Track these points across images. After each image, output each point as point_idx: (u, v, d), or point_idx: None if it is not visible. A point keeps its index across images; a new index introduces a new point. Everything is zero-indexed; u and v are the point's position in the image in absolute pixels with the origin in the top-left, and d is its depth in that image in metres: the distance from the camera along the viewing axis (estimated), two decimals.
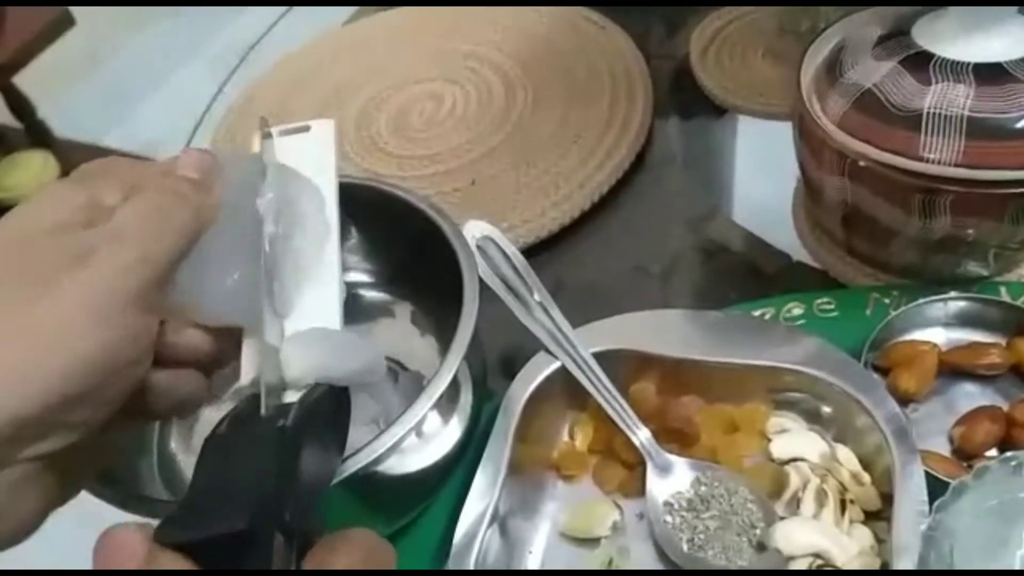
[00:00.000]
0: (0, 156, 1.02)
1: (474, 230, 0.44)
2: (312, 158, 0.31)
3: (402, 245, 0.44)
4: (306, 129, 0.32)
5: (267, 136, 0.31)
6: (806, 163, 0.43)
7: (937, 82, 0.37)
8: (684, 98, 0.58)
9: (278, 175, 0.30)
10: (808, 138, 0.41)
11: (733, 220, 0.51)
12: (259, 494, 0.21)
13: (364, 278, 0.46)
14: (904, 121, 0.37)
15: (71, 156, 0.90)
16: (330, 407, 0.27)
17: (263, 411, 0.25)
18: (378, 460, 0.33)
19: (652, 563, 0.37)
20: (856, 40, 0.42)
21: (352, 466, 0.33)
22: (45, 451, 0.22)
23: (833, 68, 0.41)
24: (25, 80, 1.29)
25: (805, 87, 0.42)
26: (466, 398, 0.38)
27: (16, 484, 0.22)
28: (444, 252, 0.40)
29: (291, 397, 0.26)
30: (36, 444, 0.22)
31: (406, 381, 0.45)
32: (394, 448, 0.33)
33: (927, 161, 0.37)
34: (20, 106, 1.31)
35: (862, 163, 0.38)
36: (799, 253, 0.48)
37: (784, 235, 0.49)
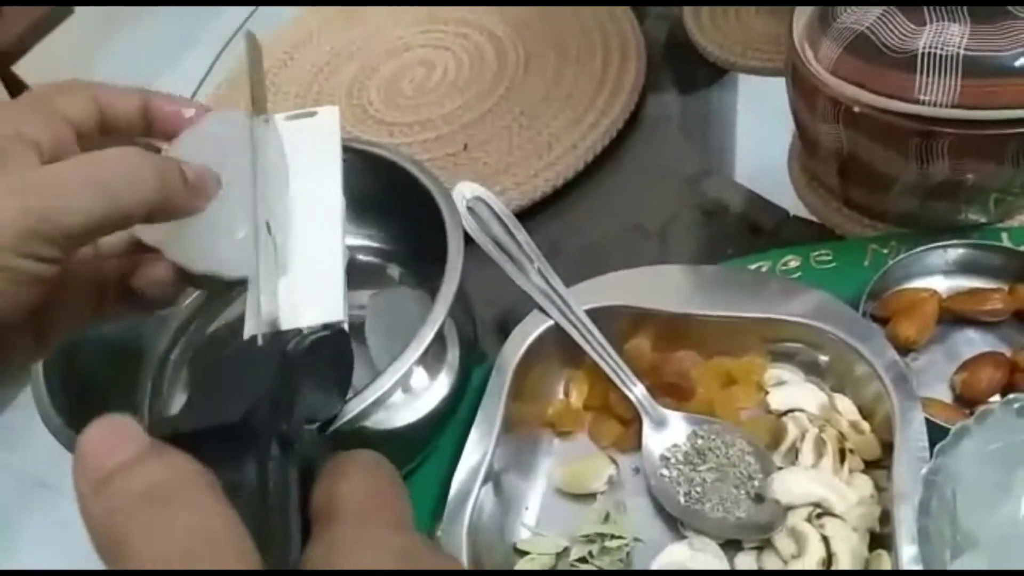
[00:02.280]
0: None
1: (465, 191, 0.43)
2: (317, 142, 0.32)
3: (389, 205, 0.43)
4: (312, 115, 0.33)
5: (262, 117, 0.31)
6: (800, 113, 0.42)
7: (932, 21, 0.36)
8: (679, 57, 0.57)
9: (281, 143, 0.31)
10: (801, 87, 0.40)
11: (730, 177, 0.50)
12: (254, 395, 0.21)
13: (353, 240, 0.46)
14: (898, 63, 0.36)
15: None
16: (332, 350, 0.28)
17: (260, 341, 0.26)
18: (364, 414, 0.33)
19: (648, 516, 0.37)
20: None
21: (338, 420, 0.33)
22: None
23: (826, 14, 0.40)
24: (25, 68, 1.29)
25: (797, 35, 0.41)
26: (454, 355, 0.38)
27: None
28: (431, 211, 0.40)
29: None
30: None
31: None
32: (380, 402, 0.33)
33: (923, 103, 0.36)
34: (21, 94, 1.32)
35: (856, 109, 0.37)
36: (797, 208, 0.47)
37: (781, 191, 0.48)
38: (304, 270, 0.30)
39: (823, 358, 0.38)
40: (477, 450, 0.37)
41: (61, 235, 0.23)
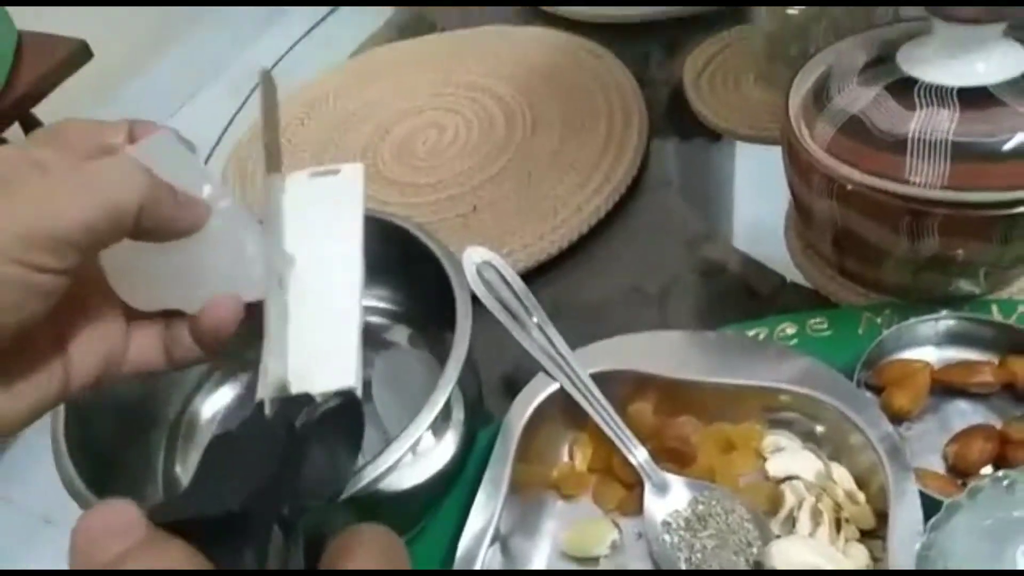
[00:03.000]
0: None
1: (474, 256, 0.45)
2: (339, 200, 0.32)
3: (397, 269, 0.45)
4: (336, 172, 0.34)
5: (271, 172, 0.32)
6: (796, 187, 0.44)
7: (922, 107, 0.38)
8: (679, 123, 0.59)
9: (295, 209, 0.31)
10: (797, 163, 0.42)
11: (729, 242, 0.52)
12: (256, 481, 0.21)
13: (364, 303, 0.47)
14: (890, 146, 0.38)
15: None
16: (343, 419, 0.27)
17: (267, 412, 0.25)
18: (377, 480, 0.33)
19: None
20: (842, 67, 0.43)
21: (352, 485, 0.33)
22: None
23: (820, 95, 0.42)
24: (44, 111, 1.32)
25: (793, 113, 0.43)
26: (460, 416, 0.39)
27: None
28: (438, 275, 0.41)
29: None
30: None
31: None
32: (393, 467, 0.34)
33: (913, 184, 0.38)
34: None
35: (849, 187, 0.39)
36: (793, 274, 0.49)
37: (778, 256, 0.50)
38: (318, 331, 0.29)
39: (820, 427, 0.39)
40: (484, 512, 0.38)
41: (56, 241, 0.23)
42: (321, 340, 0.29)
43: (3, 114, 1.19)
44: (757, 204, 0.54)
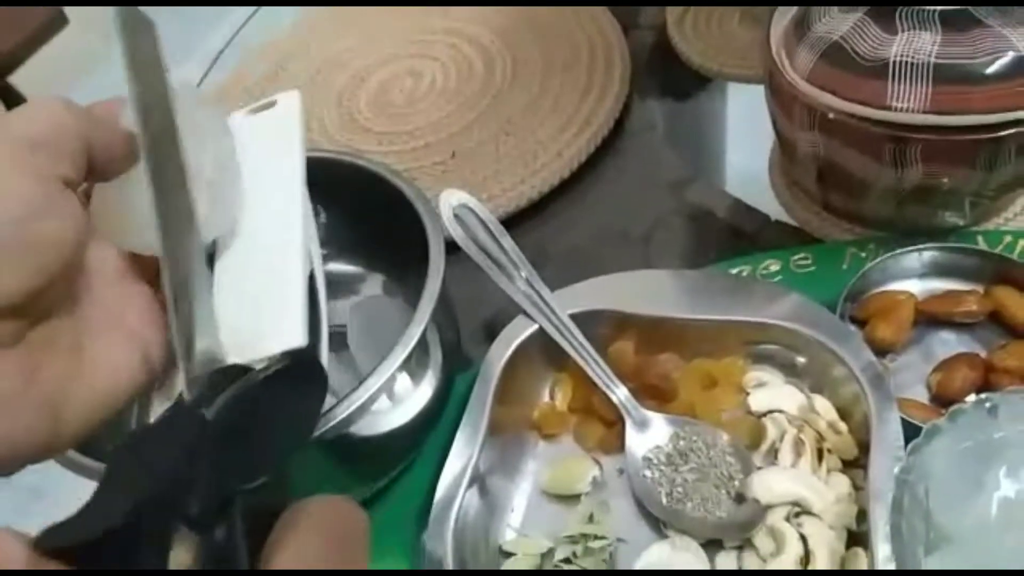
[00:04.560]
0: None
1: (451, 199, 0.44)
2: (276, 135, 0.30)
3: (369, 215, 0.44)
4: (272, 104, 0.31)
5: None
6: (778, 120, 0.43)
7: (903, 30, 0.37)
8: (663, 66, 0.58)
9: (201, 127, 0.27)
10: (778, 94, 0.41)
11: (714, 184, 0.51)
12: (148, 487, 0.19)
13: (336, 250, 0.46)
14: (871, 71, 0.37)
15: None
16: (298, 379, 0.24)
17: (186, 395, 0.22)
18: (348, 421, 0.33)
19: (632, 517, 0.37)
20: None
21: (321, 427, 0.33)
22: None
23: (801, 23, 0.41)
24: (21, 80, 1.30)
25: (774, 44, 0.42)
26: (437, 360, 0.38)
27: None
28: (413, 219, 0.40)
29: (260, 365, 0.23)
30: None
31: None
32: (363, 409, 0.33)
33: (895, 110, 0.37)
34: (17, 105, 1.32)
35: (831, 115, 0.38)
36: (777, 212, 0.48)
37: (763, 196, 0.49)
38: (257, 288, 0.26)
39: (801, 360, 0.38)
40: (463, 453, 0.37)
41: (47, 145, 0.23)
42: (261, 297, 0.26)
43: None
44: (743, 145, 0.53)
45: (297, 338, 0.25)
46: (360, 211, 0.42)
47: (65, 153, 0.24)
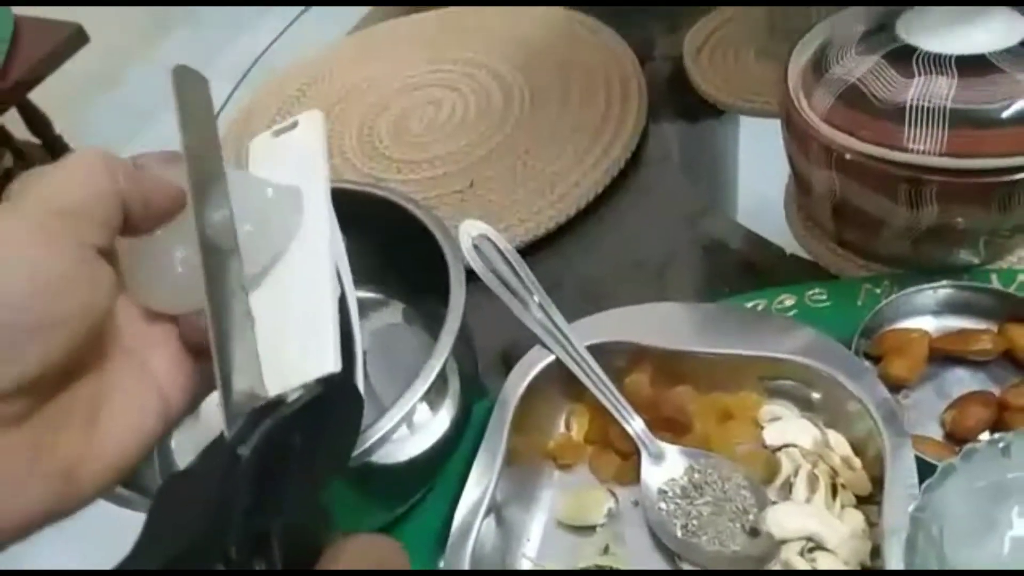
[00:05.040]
0: (19, 171, 1.04)
1: (470, 229, 0.45)
2: (301, 155, 0.29)
3: (391, 244, 0.45)
4: (294, 125, 0.30)
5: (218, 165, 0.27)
6: (795, 158, 0.44)
7: (920, 75, 0.38)
8: (679, 98, 0.59)
9: (240, 186, 0.27)
10: (796, 133, 0.42)
11: (729, 216, 0.52)
12: (186, 539, 0.19)
13: (356, 278, 0.47)
14: (888, 113, 0.38)
15: None
16: (329, 406, 0.24)
17: (226, 434, 0.22)
18: (369, 451, 0.34)
19: (647, 549, 0.38)
20: (841, 36, 0.42)
21: None
22: None
23: (819, 64, 0.42)
24: (41, 96, 1.32)
25: (792, 84, 0.43)
26: (455, 389, 0.39)
27: None
28: (432, 249, 0.41)
29: (290, 398, 0.23)
30: None
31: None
32: (385, 439, 0.34)
33: (911, 152, 0.38)
34: (37, 122, 1.34)
35: (848, 156, 0.39)
36: (792, 246, 0.49)
37: (778, 229, 0.50)
38: (288, 317, 0.26)
39: (816, 395, 0.39)
40: (480, 482, 0.38)
41: (77, 215, 0.22)
42: (292, 325, 0.25)
43: (0, 99, 1.18)
44: (758, 178, 0.54)
45: (329, 364, 0.24)
46: (381, 240, 0.43)
47: (100, 221, 0.23)
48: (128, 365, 0.25)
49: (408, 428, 0.37)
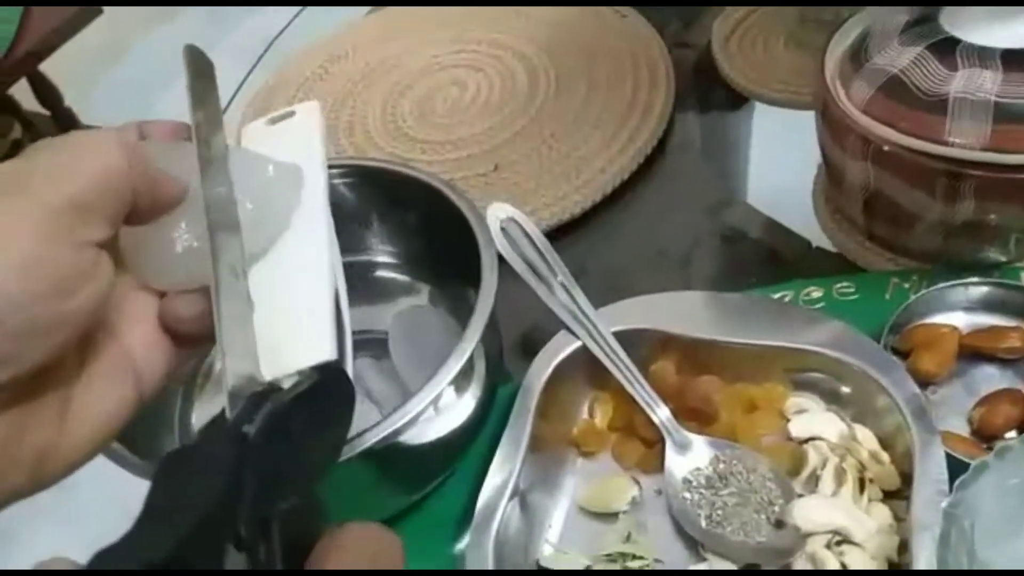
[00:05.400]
0: (27, 143, 1.04)
1: (498, 212, 0.44)
2: (298, 144, 0.29)
3: (421, 225, 0.45)
4: (291, 115, 0.30)
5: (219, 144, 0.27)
6: (829, 149, 0.43)
7: (964, 67, 0.37)
8: (705, 86, 0.58)
9: (241, 164, 0.27)
10: (832, 123, 0.41)
11: (753, 206, 0.51)
12: (198, 515, 0.19)
13: (383, 258, 0.47)
14: (930, 106, 0.38)
15: None
16: (327, 395, 0.24)
17: (228, 415, 0.22)
18: (397, 432, 0.33)
19: (669, 538, 0.38)
20: (882, 26, 0.42)
21: (371, 438, 0.33)
22: None
23: (858, 54, 0.41)
24: (52, 68, 1.31)
25: (829, 73, 0.42)
26: (481, 373, 0.39)
27: None
28: (462, 232, 0.41)
29: (286, 384, 0.24)
30: None
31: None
32: (413, 421, 0.34)
33: (952, 145, 0.37)
34: (47, 93, 1.33)
35: (886, 147, 0.39)
36: (819, 239, 0.48)
37: (803, 221, 0.49)
38: (285, 305, 0.26)
39: (845, 389, 0.39)
40: (504, 467, 0.37)
41: (83, 207, 0.21)
42: (289, 313, 0.26)
43: (11, 69, 1.17)
44: (783, 169, 0.53)
45: (326, 352, 0.25)
46: (411, 220, 0.43)
47: (108, 215, 0.22)
48: (105, 345, 0.24)
49: (435, 410, 0.37)
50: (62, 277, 0.21)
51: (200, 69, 0.27)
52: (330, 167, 0.42)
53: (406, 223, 0.43)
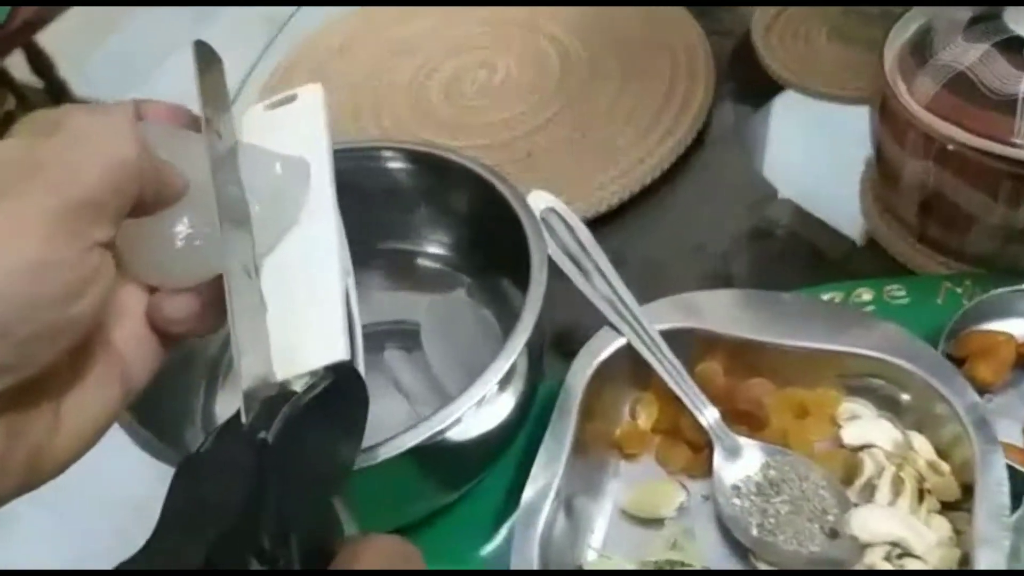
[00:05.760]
0: (20, 115, 1.00)
1: (539, 201, 0.42)
2: (301, 131, 0.28)
3: (466, 215, 0.43)
4: (293, 99, 0.29)
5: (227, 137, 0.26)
6: (886, 146, 0.42)
7: None
8: (744, 76, 0.57)
9: (249, 161, 0.26)
10: (891, 120, 0.40)
11: (795, 202, 0.50)
12: (224, 524, 0.19)
13: (426, 247, 0.45)
14: (998, 105, 0.36)
15: None
16: (336, 402, 0.23)
17: (243, 420, 0.22)
18: (439, 434, 0.32)
19: (718, 545, 0.36)
20: (945, 22, 0.40)
21: (414, 438, 0.32)
22: None
23: (920, 49, 0.40)
24: (45, 38, 1.27)
25: (888, 68, 0.41)
26: (522, 373, 0.37)
27: None
28: (508, 224, 0.39)
29: (298, 385, 0.23)
30: None
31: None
32: (456, 423, 0.33)
33: (1020, 147, 0.36)
34: (41, 64, 1.29)
35: (951, 147, 0.37)
36: (861, 236, 0.47)
37: (846, 218, 0.48)
38: (296, 304, 0.25)
39: (903, 396, 0.37)
40: (547, 470, 0.36)
41: (91, 205, 0.20)
42: (299, 312, 0.25)
43: (8, 39, 1.14)
44: (824, 163, 0.52)
45: (339, 352, 0.24)
46: (458, 210, 0.41)
47: (114, 213, 0.21)
48: (96, 343, 0.23)
49: (476, 411, 0.36)
50: (71, 280, 0.20)
51: (209, 64, 0.26)
52: (378, 148, 0.40)
53: (452, 212, 0.42)
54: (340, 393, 0.23)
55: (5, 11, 1.15)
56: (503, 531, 0.39)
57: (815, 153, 0.52)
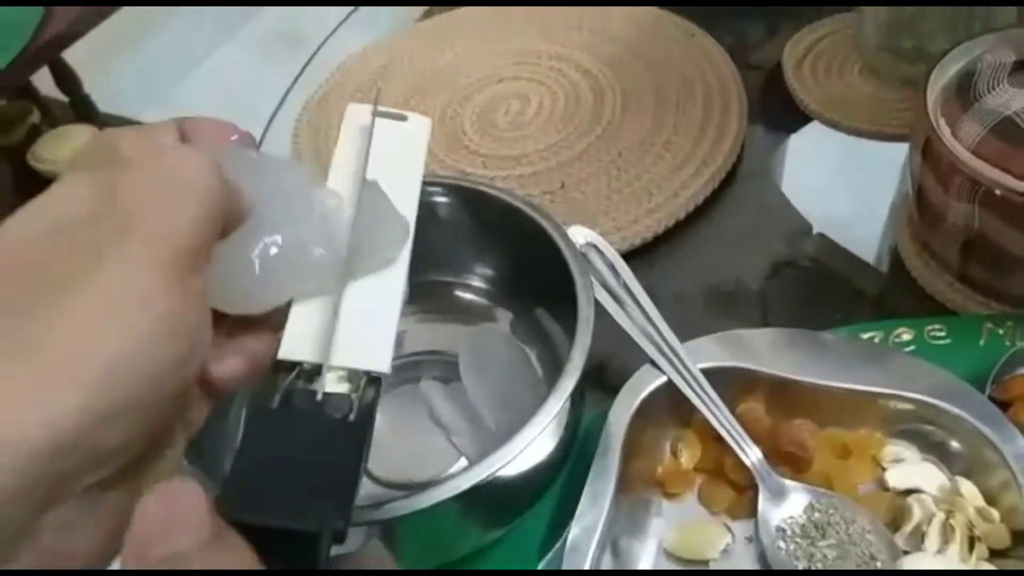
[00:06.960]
0: (45, 129, 1.01)
1: (577, 235, 0.43)
2: (401, 155, 0.29)
3: (505, 248, 0.43)
4: (403, 119, 0.30)
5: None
6: (929, 188, 0.42)
7: None
8: (775, 109, 0.57)
9: (364, 196, 0.27)
10: (935, 162, 0.40)
11: (830, 238, 0.50)
12: (342, 505, 0.20)
13: (464, 279, 0.45)
14: None
15: None
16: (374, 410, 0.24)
17: (319, 396, 0.23)
18: (495, 473, 0.32)
19: None
20: (990, 64, 0.40)
21: (466, 482, 0.32)
22: (94, 479, 0.18)
23: (965, 92, 0.40)
24: (73, 55, 1.28)
25: (931, 108, 0.41)
26: (566, 411, 0.37)
27: (69, 521, 0.18)
28: (548, 258, 0.39)
29: (332, 385, 0.24)
30: (82, 474, 0.18)
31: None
32: (509, 463, 0.32)
33: None
34: (67, 80, 1.30)
35: (998, 191, 0.37)
36: (896, 273, 0.47)
37: (880, 254, 0.48)
38: (355, 306, 0.26)
39: (951, 441, 0.37)
40: (592, 509, 0.36)
41: (190, 252, 0.20)
42: (357, 314, 0.25)
43: (35, 55, 1.14)
44: (860, 200, 0.52)
45: (384, 365, 0.25)
46: (501, 245, 0.41)
47: (204, 254, 0.20)
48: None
49: (525, 452, 0.36)
50: (193, 335, 0.20)
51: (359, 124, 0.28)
52: (430, 184, 0.41)
53: (492, 245, 0.42)
54: (375, 404, 0.24)
55: (33, 27, 1.16)
56: (544, 565, 0.39)
57: (847, 188, 0.53)
